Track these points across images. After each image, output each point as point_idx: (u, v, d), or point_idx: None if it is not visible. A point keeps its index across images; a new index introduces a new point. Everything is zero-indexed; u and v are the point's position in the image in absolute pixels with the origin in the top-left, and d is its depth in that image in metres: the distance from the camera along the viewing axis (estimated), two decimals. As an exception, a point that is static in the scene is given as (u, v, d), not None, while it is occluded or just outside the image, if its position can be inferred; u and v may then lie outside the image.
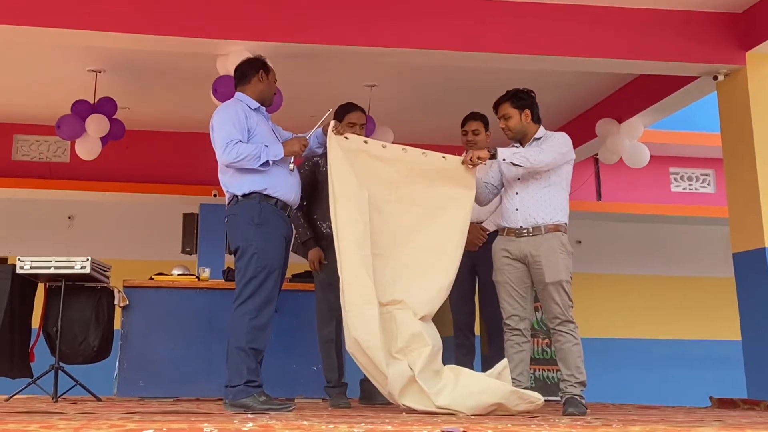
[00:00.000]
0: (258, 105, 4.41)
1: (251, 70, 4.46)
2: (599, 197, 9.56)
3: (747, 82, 6.06)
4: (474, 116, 5.37)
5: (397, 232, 4.30)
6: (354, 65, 7.03)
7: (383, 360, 3.92)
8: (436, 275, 4.26)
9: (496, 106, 4.51)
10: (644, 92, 7.40)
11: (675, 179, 9.94)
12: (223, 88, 6.01)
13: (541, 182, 4.34)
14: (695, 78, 6.56)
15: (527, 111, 4.42)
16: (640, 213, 9.69)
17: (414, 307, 4.14)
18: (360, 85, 7.62)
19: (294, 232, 4.50)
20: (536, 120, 4.46)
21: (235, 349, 4.03)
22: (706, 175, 9.99)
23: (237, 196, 4.24)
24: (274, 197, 4.23)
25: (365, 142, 4.46)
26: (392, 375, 3.93)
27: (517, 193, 4.39)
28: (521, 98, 4.43)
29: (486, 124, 5.35)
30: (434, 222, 4.34)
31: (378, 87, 7.66)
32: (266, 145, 4.19)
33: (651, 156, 8.02)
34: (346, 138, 4.35)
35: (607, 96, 7.98)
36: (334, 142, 4.29)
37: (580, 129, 8.37)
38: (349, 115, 4.99)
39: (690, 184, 9.97)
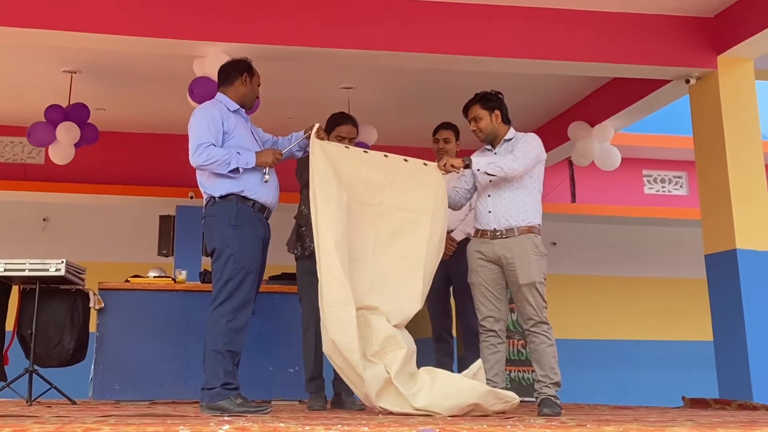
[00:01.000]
0: (237, 107, 4.39)
1: (235, 72, 4.43)
2: (574, 199, 9.65)
3: (718, 86, 6.14)
4: (445, 125, 5.47)
5: (379, 236, 4.30)
6: (331, 67, 7.04)
7: (360, 362, 3.93)
8: (413, 284, 4.26)
9: (466, 109, 4.56)
10: (618, 95, 7.48)
11: (648, 181, 10.06)
12: (200, 90, 6.00)
13: (513, 184, 4.38)
14: (668, 81, 6.65)
15: (497, 112, 4.47)
16: (613, 215, 9.80)
17: (388, 314, 4.15)
18: (337, 87, 7.63)
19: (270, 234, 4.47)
20: (506, 121, 4.52)
21: (211, 352, 4.02)
22: (679, 177, 10.11)
23: (214, 198, 4.24)
24: (251, 199, 4.23)
25: (347, 147, 4.49)
26: (369, 377, 3.94)
27: (489, 196, 4.42)
28: (491, 100, 4.49)
29: (457, 133, 5.47)
30: (418, 227, 4.34)
31: (355, 89, 7.68)
32: (238, 152, 4.17)
33: (624, 158, 8.11)
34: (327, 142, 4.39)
35: (580, 99, 8.06)
36: (316, 146, 4.31)
37: (554, 132, 8.44)
38: (339, 128, 4.92)
39: (663, 187, 10.08)
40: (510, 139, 4.48)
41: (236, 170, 4.17)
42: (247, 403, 3.98)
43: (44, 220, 9.83)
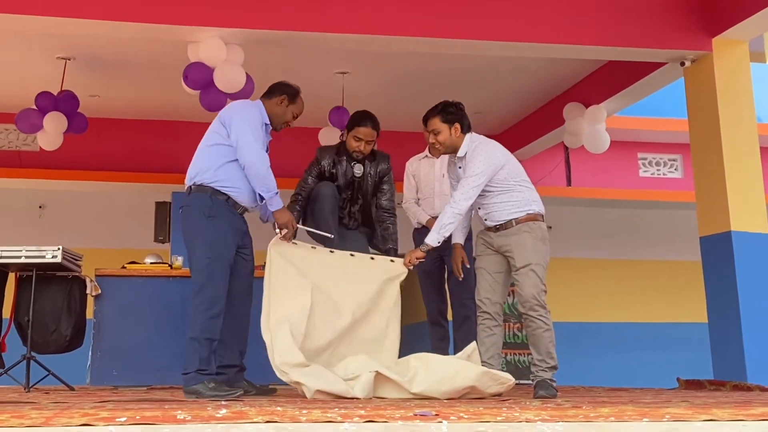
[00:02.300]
0: (268, 123, 4.50)
1: (278, 90, 4.56)
2: (569, 183, 9.66)
3: (713, 68, 6.14)
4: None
5: (350, 319, 4.41)
6: (326, 52, 7.02)
7: (347, 387, 4.00)
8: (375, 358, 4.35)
9: (426, 121, 4.57)
10: (612, 78, 7.48)
11: (643, 164, 10.06)
12: (194, 75, 5.99)
13: (493, 194, 4.43)
14: (663, 64, 6.65)
15: (457, 125, 4.46)
16: (609, 198, 9.81)
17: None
18: (332, 72, 7.62)
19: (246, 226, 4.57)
20: (466, 131, 4.51)
21: (189, 339, 4.18)
22: (674, 160, 10.12)
23: (192, 186, 4.34)
24: (225, 194, 4.32)
25: (313, 248, 4.61)
26: (360, 391, 3.97)
27: (480, 208, 4.52)
28: (450, 112, 4.48)
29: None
30: (380, 317, 4.48)
31: (350, 74, 7.66)
32: (277, 192, 4.35)
33: (619, 142, 8.12)
34: (295, 244, 4.50)
35: (575, 82, 8.05)
36: (276, 248, 4.44)
37: (549, 115, 8.45)
38: (357, 129, 5.05)
39: (658, 169, 10.09)
40: (462, 157, 4.47)
41: (261, 197, 4.34)
42: (219, 388, 4.08)
43: (40, 207, 9.79)
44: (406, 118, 8.32)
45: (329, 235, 4.68)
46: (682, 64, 6.34)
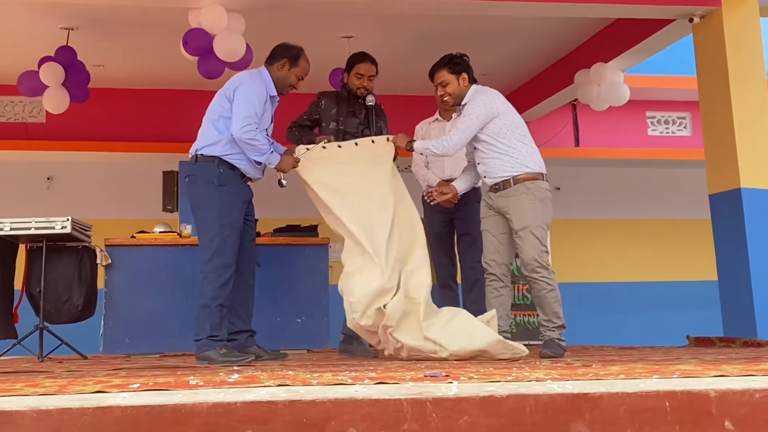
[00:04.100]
0: (275, 94, 4.49)
1: (279, 55, 4.55)
2: (577, 143, 9.60)
3: (722, 24, 6.07)
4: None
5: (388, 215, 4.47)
6: (330, 16, 6.96)
7: (378, 299, 4.17)
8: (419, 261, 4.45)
9: (432, 74, 4.57)
10: (620, 36, 7.39)
11: (652, 123, 9.99)
12: (195, 42, 5.96)
13: (490, 149, 4.43)
14: (671, 21, 6.56)
15: (464, 75, 4.49)
16: (617, 158, 9.76)
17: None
18: (336, 37, 7.55)
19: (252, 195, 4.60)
20: (472, 82, 4.52)
21: (200, 307, 4.20)
22: (683, 118, 10.03)
23: (197, 155, 4.35)
24: (231, 164, 4.34)
25: (339, 146, 4.62)
26: (391, 308, 4.10)
27: (479, 164, 4.54)
28: (456, 63, 4.50)
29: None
30: (402, 198, 4.57)
31: (355, 38, 7.59)
32: (272, 150, 4.38)
33: (628, 100, 8.03)
34: (324, 147, 4.55)
35: (583, 41, 7.96)
36: (305, 173, 4.50)
37: (557, 76, 8.38)
38: (357, 66, 5.09)
39: (667, 128, 10.02)
40: (464, 105, 4.49)
41: (258, 163, 4.37)
42: (231, 353, 4.12)
43: (48, 179, 9.81)
44: (413, 82, 8.26)
45: (329, 137, 4.71)
46: (691, 20, 6.26)
